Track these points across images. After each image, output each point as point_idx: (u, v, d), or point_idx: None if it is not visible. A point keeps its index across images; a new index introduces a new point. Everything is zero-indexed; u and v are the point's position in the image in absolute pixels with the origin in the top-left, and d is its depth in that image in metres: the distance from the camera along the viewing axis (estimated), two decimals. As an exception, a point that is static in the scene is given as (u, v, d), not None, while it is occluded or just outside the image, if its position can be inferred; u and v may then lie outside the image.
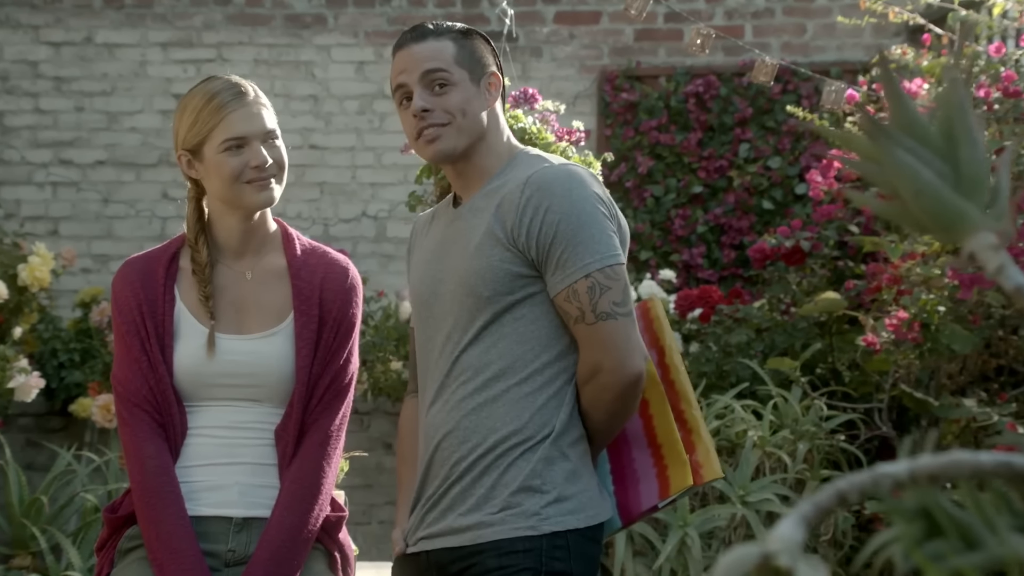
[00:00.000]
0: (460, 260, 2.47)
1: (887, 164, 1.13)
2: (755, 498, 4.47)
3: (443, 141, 2.48)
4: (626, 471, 2.60)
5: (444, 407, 2.48)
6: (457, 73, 2.49)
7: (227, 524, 2.57)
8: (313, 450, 2.60)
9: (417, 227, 2.73)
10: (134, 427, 2.56)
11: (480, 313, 2.44)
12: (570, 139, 3.50)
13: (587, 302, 2.39)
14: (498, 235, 2.42)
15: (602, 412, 2.45)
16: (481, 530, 2.41)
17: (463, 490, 2.44)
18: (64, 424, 6.35)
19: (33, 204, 6.84)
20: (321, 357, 2.63)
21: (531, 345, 2.44)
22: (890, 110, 1.14)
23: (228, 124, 2.57)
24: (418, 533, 2.51)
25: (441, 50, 2.49)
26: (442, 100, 2.47)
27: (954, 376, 4.99)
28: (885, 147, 1.13)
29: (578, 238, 2.39)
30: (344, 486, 3.30)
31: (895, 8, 4.79)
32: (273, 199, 2.62)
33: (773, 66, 4.13)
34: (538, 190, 2.40)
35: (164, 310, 2.61)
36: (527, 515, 2.40)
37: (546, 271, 2.42)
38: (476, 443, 2.44)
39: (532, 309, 2.44)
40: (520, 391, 2.43)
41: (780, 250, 5.46)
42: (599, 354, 2.40)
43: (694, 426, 2.59)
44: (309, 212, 6.80)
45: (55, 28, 6.88)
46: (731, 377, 5.26)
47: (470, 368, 2.45)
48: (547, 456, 2.42)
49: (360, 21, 6.87)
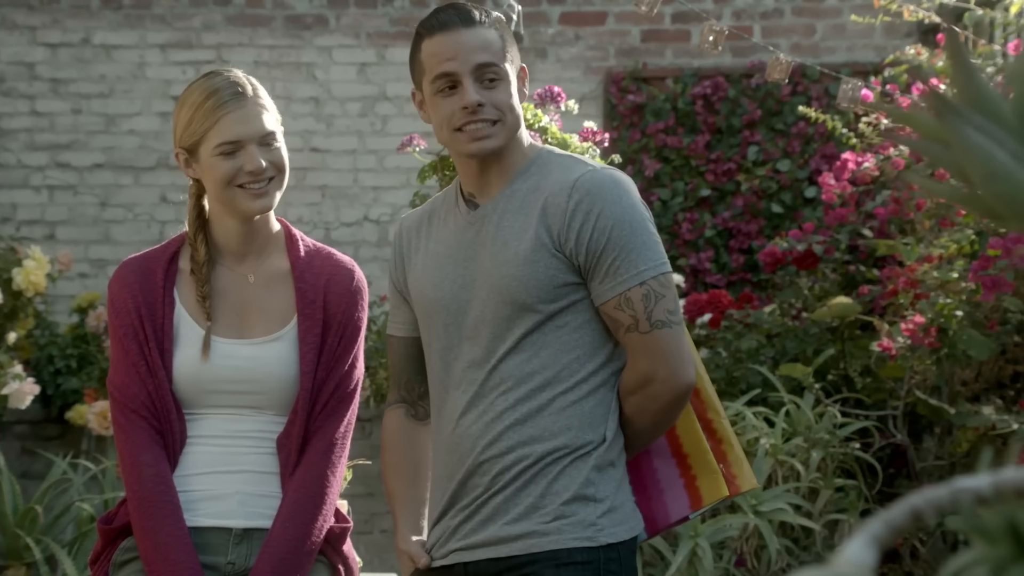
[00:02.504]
0: (495, 266, 2.39)
1: (955, 144, 1.03)
2: (768, 507, 4.41)
3: (493, 140, 2.40)
4: (647, 481, 2.53)
5: (483, 418, 2.40)
6: (508, 67, 2.42)
7: (227, 535, 2.52)
8: (317, 458, 2.54)
9: (408, 228, 2.61)
10: (131, 434, 2.51)
11: (520, 321, 2.38)
12: (594, 140, 3.41)
13: (642, 310, 2.35)
14: (544, 241, 2.36)
15: (647, 422, 2.41)
16: (535, 539, 2.35)
17: (507, 499, 2.38)
18: (61, 432, 6.31)
19: (29, 208, 6.78)
20: (326, 362, 2.57)
21: (576, 354, 2.39)
22: (958, 85, 1.03)
23: (223, 127, 2.50)
24: (450, 544, 2.43)
25: (492, 41, 2.41)
26: (492, 95, 2.39)
27: (969, 383, 4.92)
28: (953, 126, 1.02)
29: (631, 245, 2.34)
30: (346, 495, 3.25)
31: (910, 6, 4.70)
32: (269, 205, 2.55)
33: (788, 64, 4.04)
34: (588, 195, 2.35)
35: (163, 313, 2.55)
36: (584, 525, 2.34)
37: (593, 278, 2.36)
38: (524, 453, 2.37)
39: (575, 317, 2.39)
40: (566, 400, 2.38)
41: (792, 254, 5.39)
42: (653, 363, 2.36)
43: (724, 435, 2.54)
44: (310, 216, 6.72)
45: (52, 29, 6.81)
46: (741, 383, 5.21)
47: (511, 378, 2.38)
48: (599, 464, 2.38)
49: (362, 22, 6.81)
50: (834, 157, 6.28)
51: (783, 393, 4.84)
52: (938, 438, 5.05)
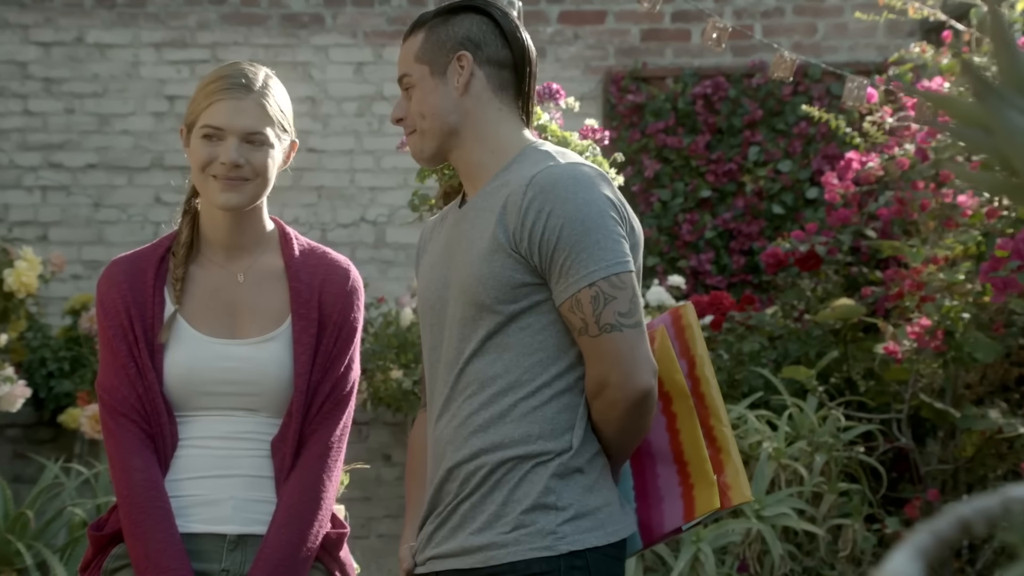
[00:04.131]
0: (463, 265, 2.34)
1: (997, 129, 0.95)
2: (771, 512, 4.37)
3: (412, 148, 2.40)
4: (649, 488, 2.46)
5: (451, 422, 2.36)
6: (416, 71, 2.37)
7: (220, 541, 2.47)
8: (313, 462, 2.50)
9: (426, 231, 2.59)
10: (121, 438, 2.46)
11: (483, 322, 2.30)
12: (595, 138, 3.35)
13: (590, 313, 2.25)
14: (501, 240, 2.28)
15: (612, 428, 2.32)
16: (494, 551, 2.28)
17: (473, 507, 2.32)
18: (53, 435, 6.27)
19: (22, 209, 6.72)
20: (321, 363, 2.52)
21: (539, 357, 2.30)
22: (1000, 66, 0.96)
23: (213, 111, 2.48)
24: (427, 551, 2.39)
25: (410, 50, 2.39)
26: (411, 105, 2.38)
27: (973, 386, 4.87)
28: (995, 109, 0.95)
29: (582, 244, 2.24)
30: (343, 499, 3.21)
31: (915, 3, 4.64)
32: (238, 203, 2.49)
33: (793, 61, 3.98)
34: (541, 192, 2.25)
35: (154, 313, 2.51)
36: (543, 534, 2.27)
37: (550, 279, 2.28)
38: (484, 461, 2.31)
39: (539, 318, 2.30)
40: (528, 405, 2.30)
41: (795, 255, 5.34)
42: (604, 368, 2.26)
43: (723, 444, 2.44)
44: (306, 217, 6.66)
45: (45, 28, 6.75)
46: (743, 386, 5.16)
47: (475, 381, 2.32)
48: (561, 471, 2.29)
49: (359, 21, 6.75)
50: (836, 157, 6.22)
51: (786, 396, 4.79)
52: (941, 442, 5.00)
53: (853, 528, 4.54)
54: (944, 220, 4.84)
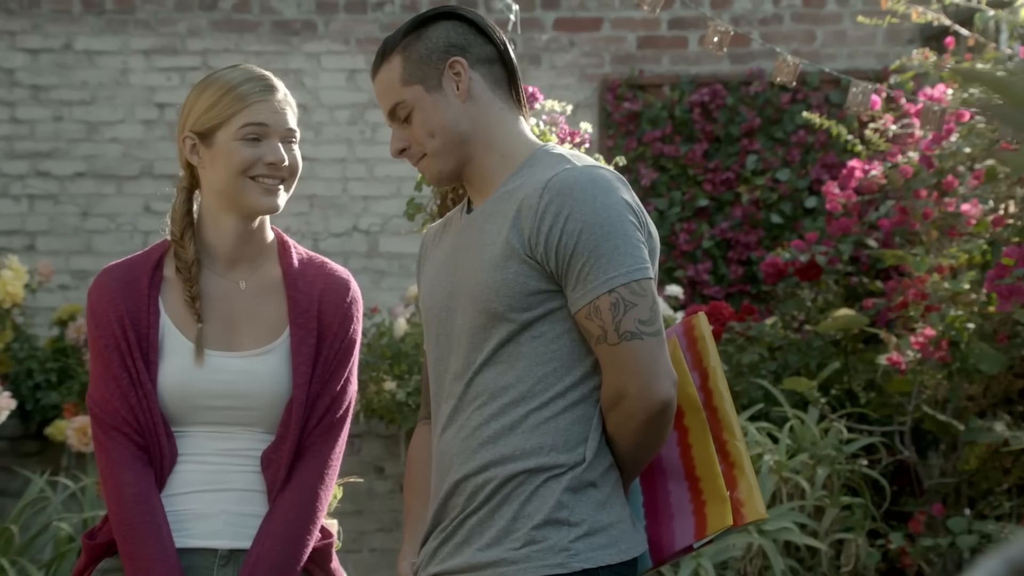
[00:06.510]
0: (472, 272, 2.27)
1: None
2: (772, 527, 4.31)
3: (429, 173, 2.34)
4: (659, 505, 2.38)
5: (459, 434, 2.28)
6: (409, 95, 2.29)
7: (212, 556, 2.42)
8: (312, 478, 2.45)
9: (427, 239, 2.52)
10: (112, 453, 2.41)
11: (495, 331, 2.23)
12: (572, 141, 3.27)
13: (610, 320, 2.17)
14: (515, 246, 2.21)
15: (628, 441, 2.24)
16: (503, 568, 2.21)
17: (480, 521, 2.24)
18: (39, 448, 6.21)
19: (9, 218, 6.64)
20: (320, 375, 2.46)
21: (552, 367, 2.23)
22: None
23: (254, 110, 2.42)
24: (430, 568, 2.31)
25: (391, 78, 2.30)
26: (412, 131, 2.31)
27: (976, 398, 4.80)
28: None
29: (601, 249, 2.17)
30: (336, 513, 3.15)
31: (918, 8, 4.57)
32: (275, 207, 2.47)
33: (795, 65, 3.90)
34: (558, 195, 2.18)
35: (148, 323, 2.44)
36: (555, 551, 2.19)
37: (567, 285, 2.21)
38: (494, 474, 2.24)
39: (553, 327, 2.23)
40: (540, 416, 2.23)
41: (794, 265, 5.27)
42: (623, 378, 2.19)
43: (737, 459, 2.36)
44: (298, 226, 6.57)
45: (32, 34, 6.67)
46: (743, 398, 5.08)
47: (485, 392, 2.25)
48: (574, 485, 2.22)
49: (351, 28, 6.67)
50: (835, 166, 6.16)
51: (787, 408, 4.72)
52: (943, 455, 4.93)
53: (856, 543, 4.47)
54: (947, 229, 4.77)
